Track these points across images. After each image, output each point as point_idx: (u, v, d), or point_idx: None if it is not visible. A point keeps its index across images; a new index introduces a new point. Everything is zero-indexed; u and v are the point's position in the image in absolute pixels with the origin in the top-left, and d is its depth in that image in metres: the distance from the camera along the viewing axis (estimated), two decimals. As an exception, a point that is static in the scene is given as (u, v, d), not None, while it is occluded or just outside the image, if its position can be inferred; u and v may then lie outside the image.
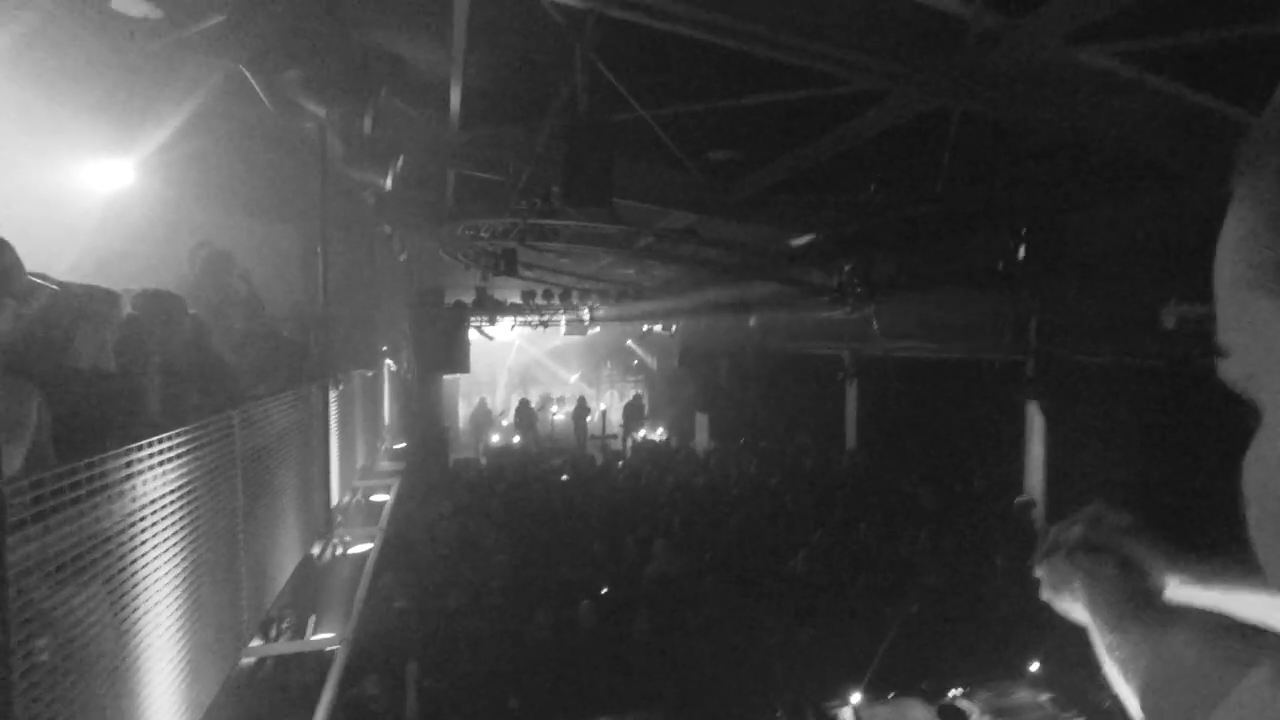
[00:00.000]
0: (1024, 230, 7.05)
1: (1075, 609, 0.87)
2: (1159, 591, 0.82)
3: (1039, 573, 0.94)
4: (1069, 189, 6.28)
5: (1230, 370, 0.48)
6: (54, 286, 2.32)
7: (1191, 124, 4.33)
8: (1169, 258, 6.38)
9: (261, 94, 4.51)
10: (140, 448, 2.11)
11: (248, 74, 4.44)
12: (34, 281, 2.13)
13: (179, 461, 2.39)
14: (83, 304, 2.32)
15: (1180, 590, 0.82)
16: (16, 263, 2.00)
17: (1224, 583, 0.78)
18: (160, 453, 2.23)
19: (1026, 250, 7.11)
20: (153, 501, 2.22)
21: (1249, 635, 0.65)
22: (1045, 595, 0.93)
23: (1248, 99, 4.12)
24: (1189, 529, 0.85)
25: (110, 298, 2.52)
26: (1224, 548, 0.79)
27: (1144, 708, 0.66)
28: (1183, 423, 6.99)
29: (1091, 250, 7.08)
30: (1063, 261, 7.27)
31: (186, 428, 2.45)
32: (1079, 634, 0.85)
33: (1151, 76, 3.96)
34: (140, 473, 2.11)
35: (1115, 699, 0.72)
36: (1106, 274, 7.19)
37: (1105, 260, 7.07)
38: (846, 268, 8.64)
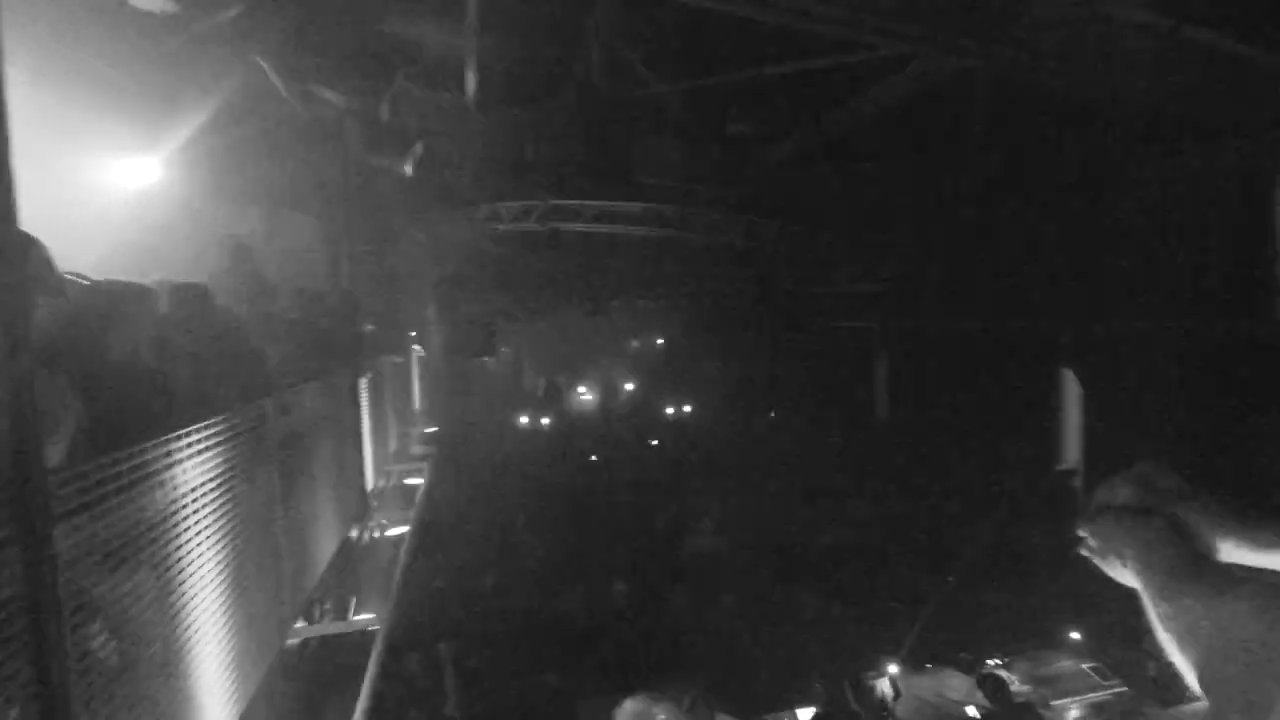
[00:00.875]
0: (1056, 196, 6.86)
1: (1124, 574, 0.84)
2: (1212, 557, 0.78)
3: (1084, 535, 0.91)
4: (1106, 151, 6.08)
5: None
6: (86, 283, 2.36)
7: (1228, 75, 4.14)
8: (1207, 220, 6.17)
9: (279, 85, 4.53)
10: (179, 437, 2.14)
11: (265, 65, 4.45)
12: (66, 278, 2.17)
13: (216, 450, 2.44)
14: (116, 299, 2.36)
15: (1234, 554, 0.78)
16: (47, 260, 2.03)
17: (1275, 549, 0.75)
18: (198, 441, 2.27)
19: (1061, 217, 6.93)
20: (193, 489, 2.27)
21: None
22: (1093, 559, 0.90)
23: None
24: (1235, 493, 0.82)
25: (144, 293, 2.55)
26: (1275, 511, 0.76)
27: (1204, 680, 0.64)
28: (1224, 388, 6.80)
29: (1128, 215, 6.88)
30: (1098, 227, 7.07)
31: (221, 416, 2.49)
32: (1120, 603, 0.82)
33: (1189, 27, 3.80)
34: (180, 461, 2.15)
35: (1159, 668, 0.70)
36: (1143, 239, 6.98)
37: (1142, 225, 6.86)
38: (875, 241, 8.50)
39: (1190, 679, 0.66)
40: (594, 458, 12.48)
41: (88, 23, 4.11)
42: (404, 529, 6.09)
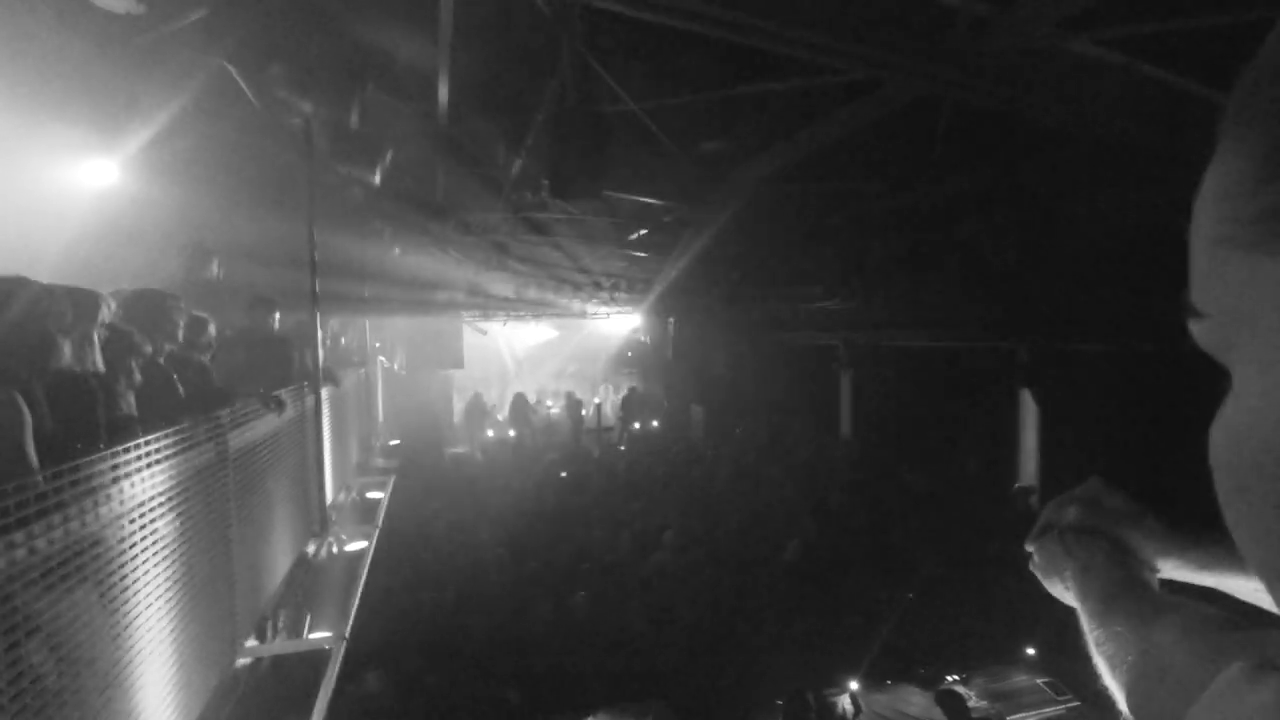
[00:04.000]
0: (1017, 218, 7.04)
1: (1066, 594, 0.85)
2: (1150, 581, 0.80)
3: (1031, 553, 0.93)
4: (1063, 176, 6.27)
5: (1203, 334, 0.46)
6: (36, 288, 2.29)
7: (1181, 111, 4.31)
8: (1163, 245, 6.39)
9: (246, 90, 4.46)
10: (127, 449, 2.08)
11: (232, 69, 4.38)
12: (14, 283, 2.10)
13: (168, 463, 2.37)
14: (65, 305, 2.29)
15: (1175, 573, 0.80)
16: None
17: (1219, 568, 0.76)
18: (148, 454, 2.21)
19: (1020, 238, 7.11)
20: (141, 504, 2.20)
21: (1235, 628, 0.63)
22: (1038, 576, 0.91)
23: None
24: (1183, 515, 0.84)
25: (92, 298, 2.48)
26: (1219, 534, 0.78)
27: (1130, 705, 0.65)
28: (1176, 410, 7.01)
29: (1085, 237, 7.08)
30: (1056, 249, 7.28)
31: (175, 428, 2.42)
32: (1075, 619, 0.84)
33: (1141, 64, 3.95)
34: (127, 475, 2.09)
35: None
36: (1100, 261, 7.20)
37: (1099, 247, 7.07)
38: (838, 259, 8.63)
39: (1120, 702, 0.68)
40: (563, 474, 12.39)
41: (46, 22, 4.01)
42: (364, 544, 5.97)
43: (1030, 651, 5.59)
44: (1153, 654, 0.64)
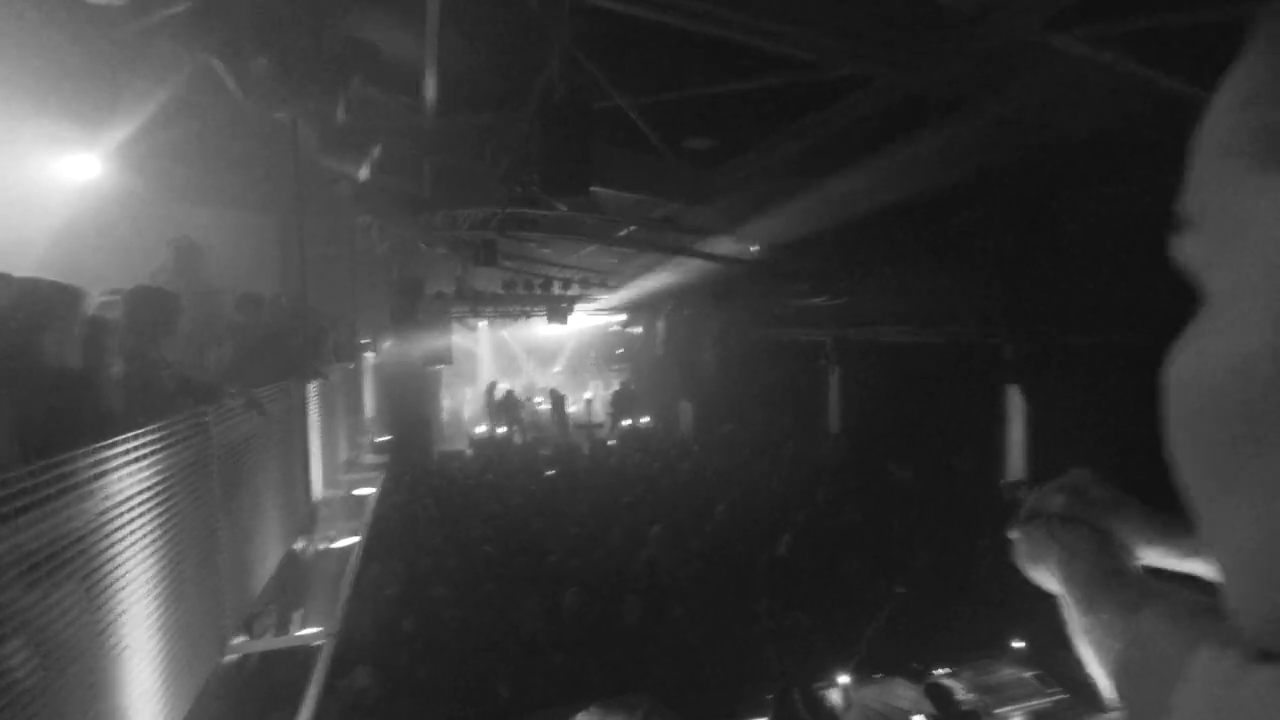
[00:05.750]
0: (1005, 214, 7.09)
1: (1049, 581, 0.85)
2: (1136, 570, 0.80)
3: (1014, 540, 0.93)
4: (1049, 172, 6.31)
5: (1188, 247, 0.44)
6: (17, 284, 2.26)
7: (1166, 108, 4.35)
8: (1151, 239, 6.44)
9: (230, 83, 4.41)
10: (110, 445, 2.06)
11: (216, 63, 4.33)
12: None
13: (151, 459, 2.35)
14: (45, 301, 2.26)
15: (1159, 562, 0.81)
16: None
17: (1204, 555, 0.77)
18: (131, 451, 2.19)
19: (1008, 232, 7.16)
20: (126, 500, 2.18)
21: (1222, 615, 0.63)
22: (1020, 564, 0.91)
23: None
24: (1168, 504, 0.84)
25: (73, 294, 2.45)
26: (1195, 523, 0.78)
27: (1117, 690, 0.65)
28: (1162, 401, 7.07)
29: (1073, 232, 7.14)
30: (1044, 243, 7.33)
31: (159, 425, 2.40)
32: (1060, 610, 0.84)
33: (1127, 61, 3.98)
34: (111, 471, 2.07)
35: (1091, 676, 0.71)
36: (1088, 255, 7.25)
37: (1086, 242, 7.13)
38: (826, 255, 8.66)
39: (1106, 689, 0.68)
40: (550, 472, 12.36)
41: (27, 14, 3.95)
42: (353, 540, 5.95)
43: (1018, 645, 5.63)
44: (1139, 641, 0.64)
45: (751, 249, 9.61)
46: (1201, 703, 0.51)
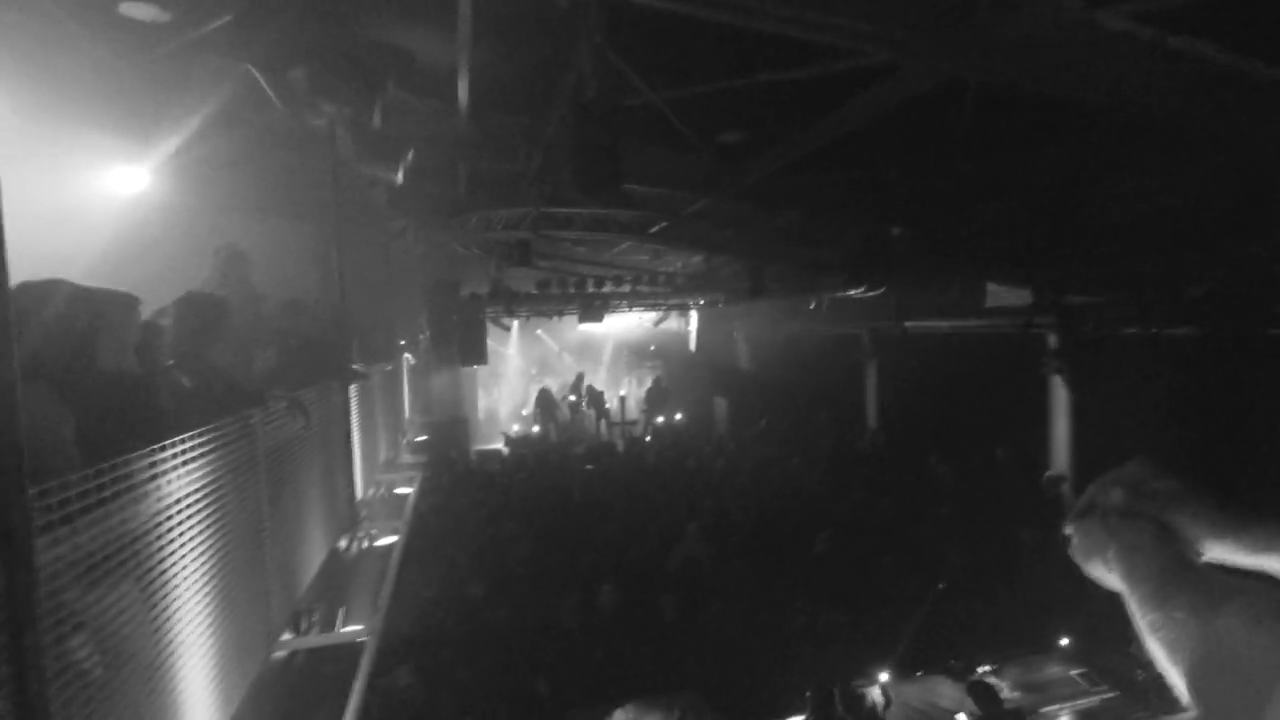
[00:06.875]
0: (1047, 201, 6.90)
1: (1107, 577, 0.83)
2: (1199, 562, 0.78)
3: (1070, 535, 0.90)
4: (1093, 158, 6.13)
5: None
6: (71, 289, 2.35)
7: (1216, 86, 4.18)
8: (1194, 227, 6.23)
9: (271, 93, 4.52)
10: (164, 448, 2.13)
11: (256, 74, 4.44)
12: (50, 285, 2.16)
13: (202, 461, 2.42)
14: (101, 307, 2.35)
15: (1225, 557, 0.78)
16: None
17: (1274, 551, 0.74)
18: (184, 453, 2.26)
19: (1050, 222, 6.98)
20: (178, 501, 2.25)
21: None
22: (1076, 559, 0.89)
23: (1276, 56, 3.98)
24: (1232, 498, 0.81)
25: (128, 300, 2.54)
26: (1265, 517, 0.75)
27: (1194, 690, 0.63)
28: (1210, 395, 6.86)
29: (1115, 221, 6.93)
30: (1087, 232, 7.13)
31: (208, 427, 2.48)
32: (1110, 609, 0.81)
33: (1173, 37, 3.83)
34: (165, 473, 2.14)
35: (1148, 673, 0.69)
36: (1131, 245, 7.04)
37: (1129, 231, 6.91)
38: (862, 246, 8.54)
39: (1180, 689, 0.66)
40: (589, 466, 12.44)
41: (75, 32, 4.09)
42: (393, 539, 6.05)
43: (1064, 642, 5.50)
44: (1217, 641, 0.61)
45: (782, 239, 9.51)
46: None
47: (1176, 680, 0.66)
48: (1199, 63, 4.03)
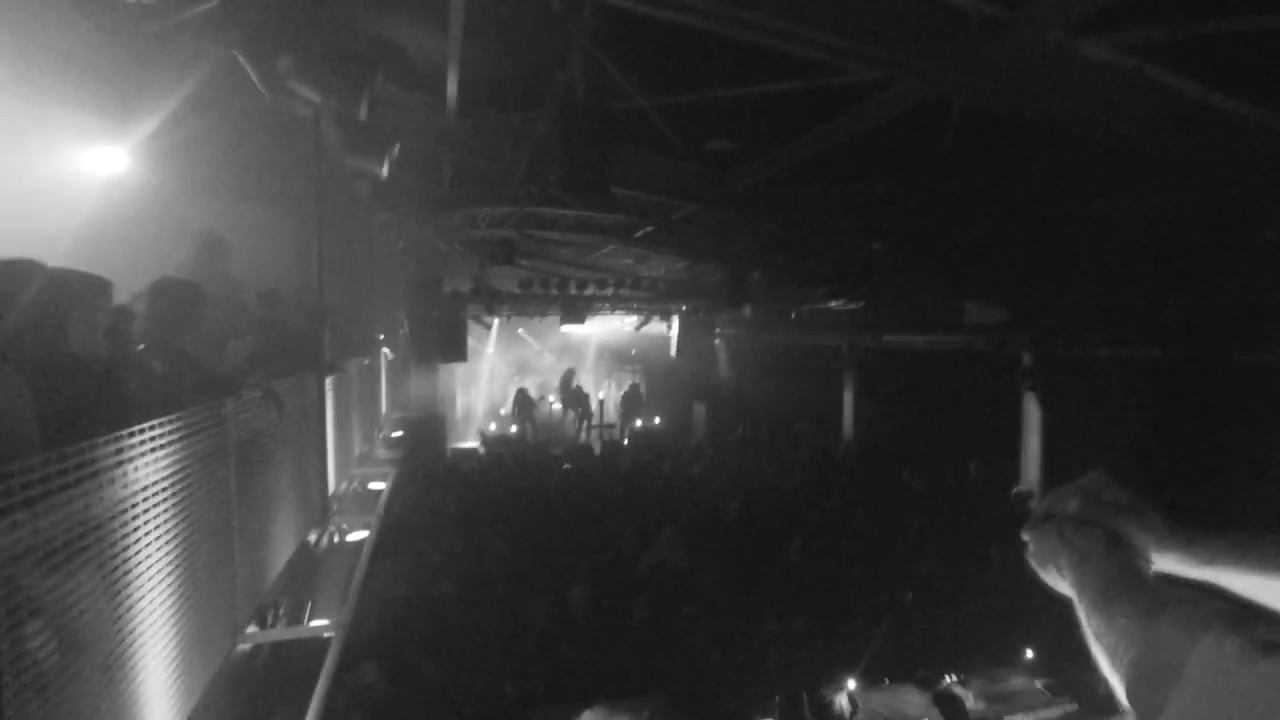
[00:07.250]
0: (1024, 221, 7.03)
1: (1061, 583, 0.85)
2: (1148, 572, 0.79)
3: (1027, 541, 0.92)
4: (1070, 180, 6.25)
5: None
6: (45, 272, 2.31)
7: (1191, 118, 4.28)
8: (1167, 252, 6.39)
9: (255, 79, 4.46)
10: (131, 434, 2.10)
11: (241, 59, 4.39)
12: (24, 266, 2.12)
13: (171, 448, 2.38)
14: (74, 290, 2.31)
15: (1173, 568, 0.80)
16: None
17: (1219, 564, 0.76)
18: (151, 439, 2.22)
19: (1026, 241, 7.10)
20: (145, 488, 2.21)
21: (1240, 622, 0.63)
22: (1032, 566, 0.91)
23: (1250, 93, 4.09)
24: (1183, 512, 0.83)
25: (101, 284, 2.50)
26: (1220, 530, 0.77)
27: (1130, 695, 0.65)
28: (1178, 415, 7.01)
29: (1090, 243, 7.07)
30: (1061, 254, 7.26)
31: (178, 415, 2.44)
32: (1073, 622, 0.83)
33: (1152, 69, 3.92)
34: (131, 459, 2.10)
35: (1108, 686, 0.71)
36: (1105, 267, 7.19)
37: (1103, 253, 7.06)
38: (842, 259, 8.63)
39: (1119, 694, 0.67)
40: (566, 466, 12.42)
41: (63, 8, 4.02)
42: (365, 534, 5.99)
43: (1029, 654, 5.58)
44: (1156, 647, 0.63)
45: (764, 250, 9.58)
46: (1198, 693, 0.50)
47: (1116, 685, 0.67)
48: (1175, 95, 4.13)
